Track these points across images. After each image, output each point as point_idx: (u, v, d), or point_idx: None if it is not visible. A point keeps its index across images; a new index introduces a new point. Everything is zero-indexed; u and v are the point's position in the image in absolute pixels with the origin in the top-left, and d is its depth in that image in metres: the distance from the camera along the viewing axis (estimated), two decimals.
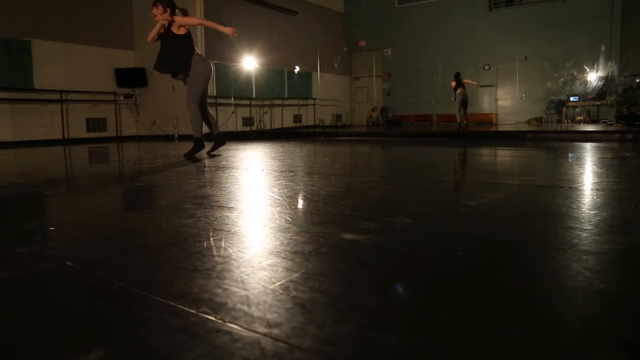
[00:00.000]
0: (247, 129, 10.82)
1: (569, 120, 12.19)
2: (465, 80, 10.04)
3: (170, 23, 4.43)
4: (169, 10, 4.38)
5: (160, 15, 4.36)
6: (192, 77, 4.51)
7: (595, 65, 11.88)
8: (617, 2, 11.36)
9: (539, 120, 12.75)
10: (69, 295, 1.04)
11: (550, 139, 7.14)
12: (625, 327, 0.83)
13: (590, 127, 9.30)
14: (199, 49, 9.40)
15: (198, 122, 4.67)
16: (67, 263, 1.25)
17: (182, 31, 4.46)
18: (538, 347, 0.75)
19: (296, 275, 1.10)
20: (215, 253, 1.30)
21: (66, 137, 8.97)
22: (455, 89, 9.93)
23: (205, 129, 4.82)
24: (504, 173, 3.41)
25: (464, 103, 9.90)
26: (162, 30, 4.44)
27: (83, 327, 0.86)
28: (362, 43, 15.13)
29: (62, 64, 8.92)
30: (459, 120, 9.96)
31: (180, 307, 0.93)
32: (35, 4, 8.41)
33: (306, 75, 13.66)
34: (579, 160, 3.92)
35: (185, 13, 4.55)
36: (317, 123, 14.08)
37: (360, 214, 1.81)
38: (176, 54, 4.46)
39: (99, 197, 2.51)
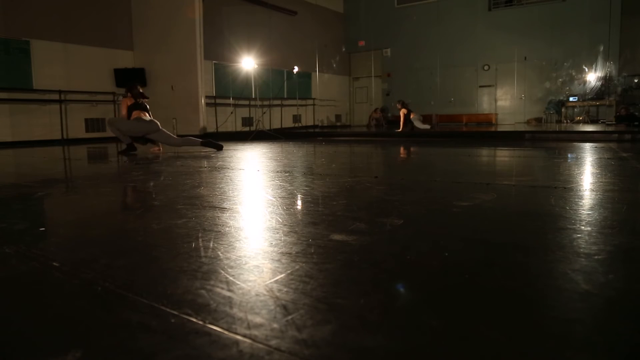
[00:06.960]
0: (247, 129, 10.80)
1: (568, 121, 12.17)
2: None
3: None
4: None
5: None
6: None
7: (594, 66, 11.86)
8: (616, 2, 11.35)
9: (538, 120, 12.73)
10: (51, 295, 1.03)
11: (549, 139, 7.13)
12: (606, 329, 0.82)
13: (589, 127, 9.29)
14: (198, 49, 9.45)
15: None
16: (54, 264, 1.25)
17: None
18: (516, 350, 0.74)
19: (281, 276, 1.10)
20: (202, 254, 1.30)
21: (65, 137, 8.96)
22: (407, 115, 9.97)
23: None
24: (499, 173, 3.40)
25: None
26: None
27: (62, 327, 0.86)
28: (362, 43, 15.11)
29: (61, 64, 8.91)
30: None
31: (162, 308, 0.93)
32: (34, 4, 8.40)
33: (305, 76, 13.64)
34: (575, 160, 3.92)
35: None
36: (316, 123, 14.07)
37: (351, 214, 1.80)
38: None
39: (92, 197, 2.51)
